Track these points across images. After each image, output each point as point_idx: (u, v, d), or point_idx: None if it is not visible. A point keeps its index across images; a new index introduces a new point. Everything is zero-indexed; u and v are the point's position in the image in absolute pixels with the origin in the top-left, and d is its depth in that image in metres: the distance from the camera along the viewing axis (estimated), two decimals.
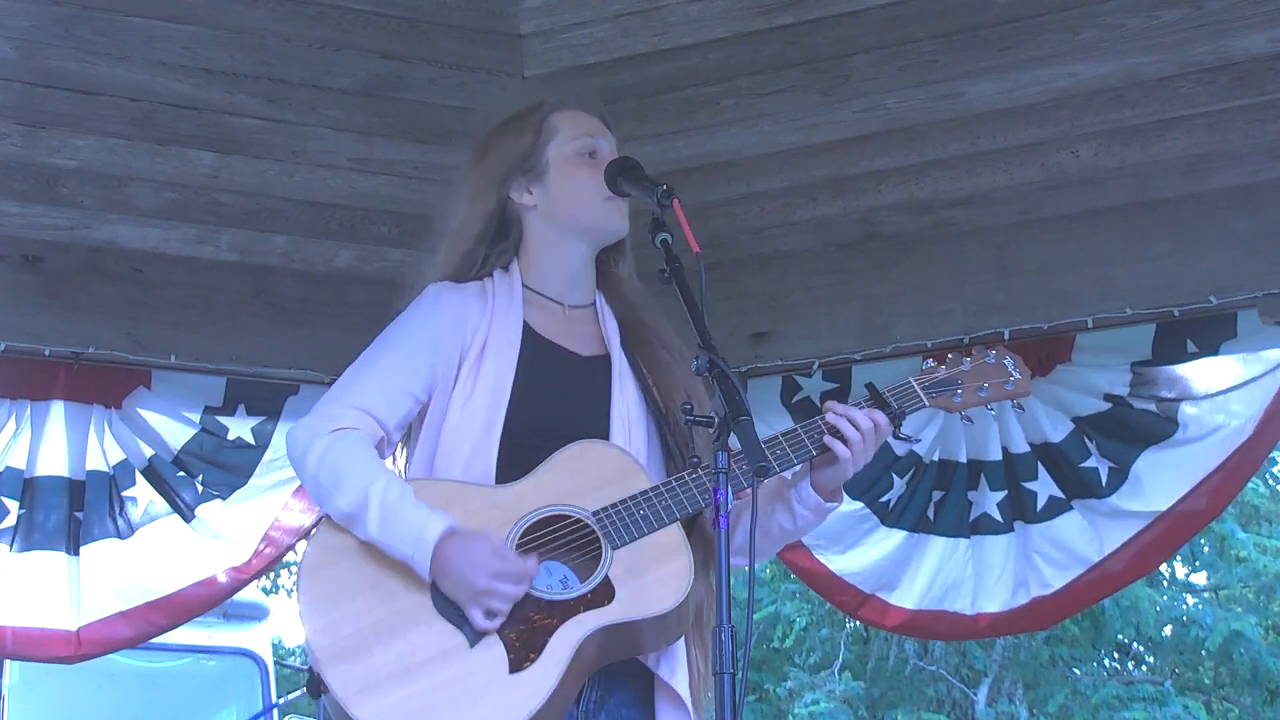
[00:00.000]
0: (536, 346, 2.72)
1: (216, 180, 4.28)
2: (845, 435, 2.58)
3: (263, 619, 8.10)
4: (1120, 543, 4.32)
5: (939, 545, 4.52)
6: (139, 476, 4.49)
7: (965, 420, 2.80)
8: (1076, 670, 12.04)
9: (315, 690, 2.45)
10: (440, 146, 4.24)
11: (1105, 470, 4.34)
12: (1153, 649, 12.13)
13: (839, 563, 4.58)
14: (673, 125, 4.23)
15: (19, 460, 4.36)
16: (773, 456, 2.54)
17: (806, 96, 4.15)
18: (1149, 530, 4.29)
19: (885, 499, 4.54)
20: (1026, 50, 3.97)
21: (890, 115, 4.16)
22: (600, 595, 2.46)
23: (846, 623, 11.36)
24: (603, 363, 2.75)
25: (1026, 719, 11.55)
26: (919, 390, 2.68)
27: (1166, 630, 11.53)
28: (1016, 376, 2.76)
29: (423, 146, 4.29)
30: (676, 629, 2.53)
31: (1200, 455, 4.25)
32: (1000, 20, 3.94)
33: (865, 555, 4.56)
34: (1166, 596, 11.45)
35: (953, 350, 2.81)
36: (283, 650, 12.75)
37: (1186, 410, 4.29)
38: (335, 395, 2.67)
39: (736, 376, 2.35)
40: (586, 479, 2.55)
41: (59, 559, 4.36)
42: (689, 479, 2.55)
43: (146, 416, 4.51)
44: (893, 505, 4.54)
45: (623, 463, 2.60)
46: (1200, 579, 12.09)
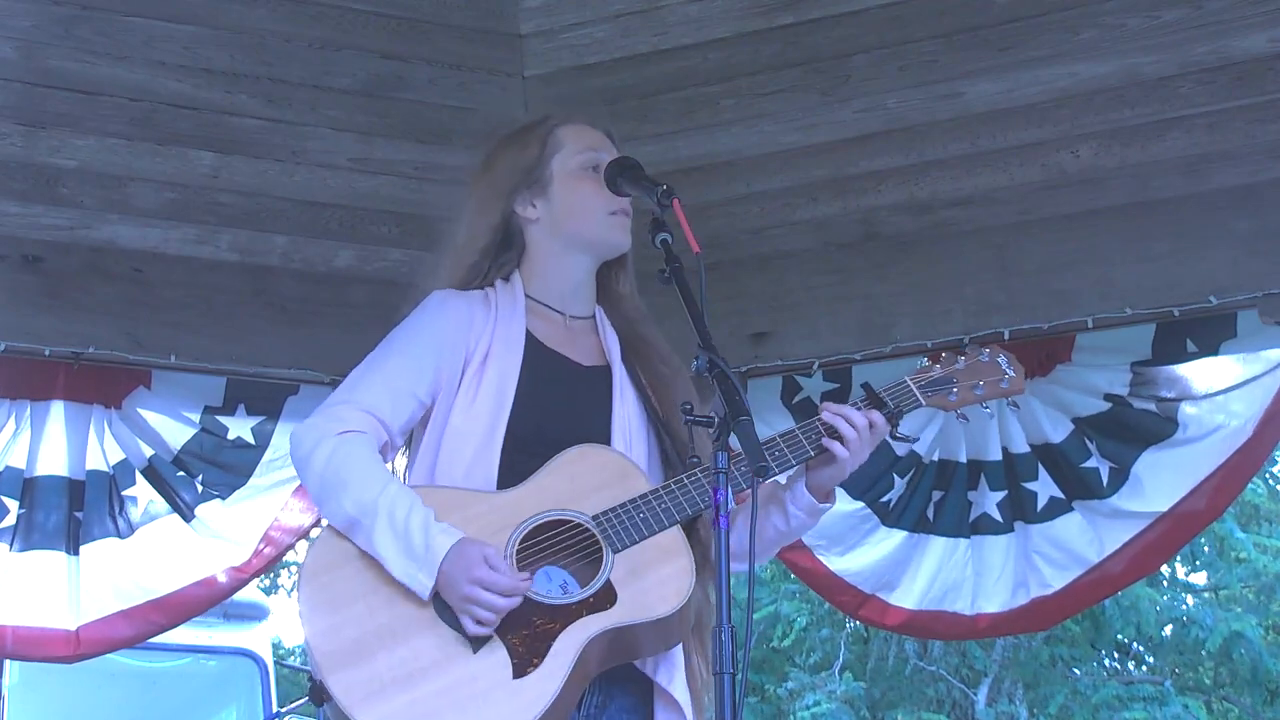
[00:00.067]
0: (539, 354, 2.72)
1: (216, 180, 4.28)
2: (842, 434, 2.59)
3: (263, 619, 8.10)
4: (1121, 543, 4.32)
5: (939, 545, 4.52)
6: (139, 476, 4.48)
7: (961, 419, 2.82)
8: (1076, 670, 12.02)
9: (318, 698, 2.44)
10: (440, 146, 4.25)
11: (1106, 471, 4.33)
12: (1153, 649, 12.11)
13: (839, 563, 4.57)
14: (673, 125, 4.23)
15: (19, 460, 4.36)
16: (771, 458, 2.54)
17: (806, 96, 4.15)
18: (1149, 531, 4.29)
19: (886, 499, 4.54)
20: (1026, 50, 3.97)
21: (890, 115, 4.16)
22: (602, 599, 2.46)
23: (846, 623, 11.34)
24: (603, 373, 2.76)
25: (1026, 719, 11.54)
26: (914, 389, 2.70)
27: (1166, 630, 11.51)
28: (1011, 375, 2.77)
29: (423, 146, 4.29)
30: (677, 633, 2.53)
31: (1200, 455, 4.25)
32: (1000, 20, 3.94)
33: (865, 555, 4.56)
34: (1166, 596, 11.43)
35: (952, 350, 2.82)
36: (283, 650, 12.74)
37: (1186, 410, 4.28)
38: (341, 396, 2.67)
39: (736, 376, 2.35)
40: (586, 483, 2.55)
41: (59, 559, 4.36)
42: (688, 481, 2.56)
43: (146, 416, 4.51)
44: (893, 505, 4.54)
45: (622, 466, 2.60)
46: (1200, 579, 12.08)
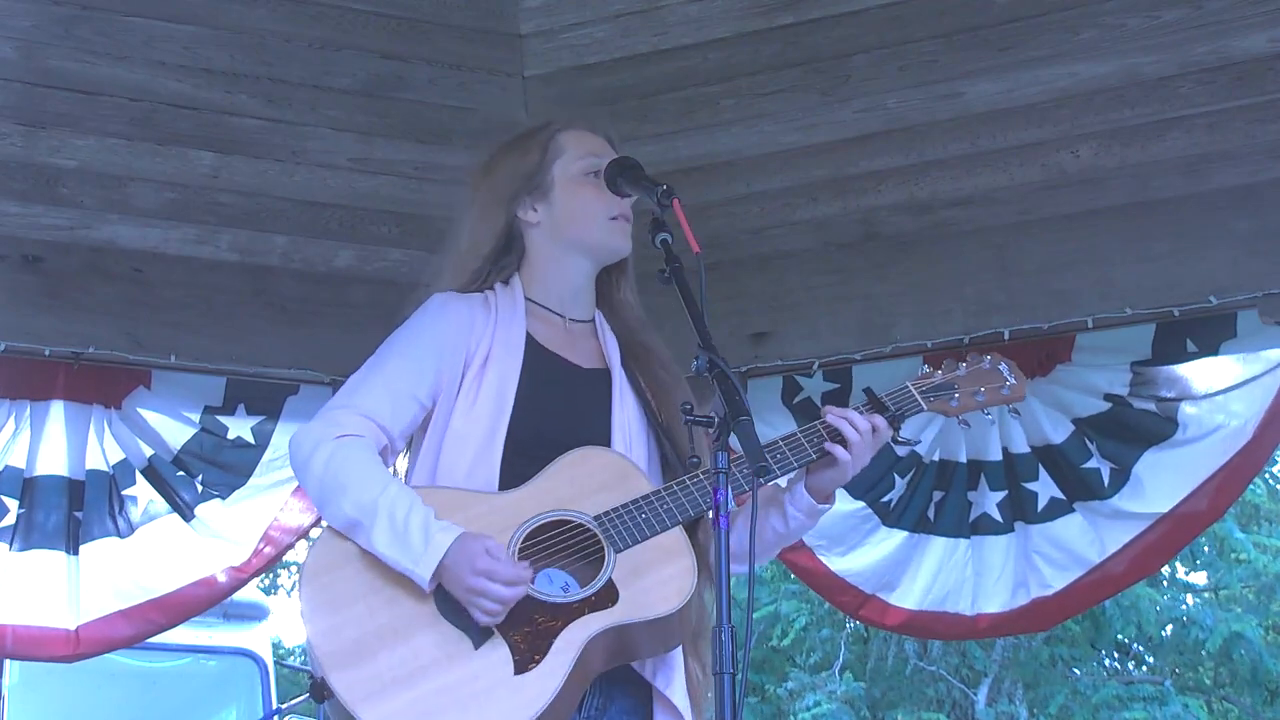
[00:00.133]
0: (539, 357, 2.73)
1: (216, 180, 4.27)
2: (845, 437, 2.59)
3: (263, 619, 8.10)
4: (1121, 544, 4.31)
5: (939, 545, 4.51)
6: (139, 476, 4.48)
7: (963, 424, 2.81)
8: (1076, 670, 12.02)
9: (320, 695, 2.45)
10: (440, 146, 4.25)
11: (1107, 471, 4.33)
12: (1153, 649, 12.11)
13: (840, 563, 4.57)
14: (673, 125, 4.23)
15: (19, 460, 4.36)
16: (772, 460, 2.54)
17: (806, 96, 4.15)
18: (1150, 532, 4.28)
19: (886, 499, 4.53)
20: (1026, 50, 3.97)
21: (890, 115, 4.16)
22: (604, 597, 2.47)
23: (846, 623, 11.34)
24: (603, 376, 2.76)
25: (1026, 719, 11.54)
26: (916, 394, 2.71)
27: (1166, 630, 11.51)
28: (1012, 382, 2.78)
29: (423, 146, 4.29)
30: (677, 634, 2.53)
31: (1201, 456, 4.25)
32: (1000, 20, 3.94)
33: (866, 555, 4.56)
34: (1167, 597, 11.44)
35: (953, 350, 2.83)
36: (283, 650, 12.74)
37: (1186, 410, 4.28)
38: (341, 400, 2.67)
39: (736, 376, 2.36)
40: (587, 484, 2.56)
41: (58, 558, 4.36)
42: (689, 482, 2.56)
43: (146, 416, 4.51)
44: (893, 505, 4.54)
45: (622, 467, 2.61)
46: (1200, 579, 12.09)
